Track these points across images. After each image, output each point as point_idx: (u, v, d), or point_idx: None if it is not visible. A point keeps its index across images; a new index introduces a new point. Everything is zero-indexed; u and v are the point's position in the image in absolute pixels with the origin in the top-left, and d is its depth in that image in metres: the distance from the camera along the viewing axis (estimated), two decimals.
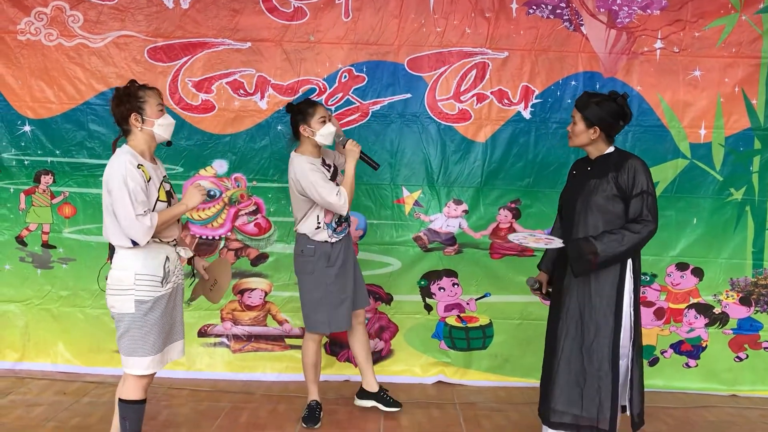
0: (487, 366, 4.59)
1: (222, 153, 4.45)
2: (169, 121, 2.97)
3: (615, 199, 3.11)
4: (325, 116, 3.66)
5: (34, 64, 4.37)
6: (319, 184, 3.56)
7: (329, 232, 3.70)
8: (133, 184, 2.78)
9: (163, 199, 2.93)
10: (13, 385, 4.27)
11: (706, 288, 4.53)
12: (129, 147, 2.92)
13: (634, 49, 4.39)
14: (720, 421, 4.09)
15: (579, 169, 3.35)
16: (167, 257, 2.94)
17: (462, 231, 4.53)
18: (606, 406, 3.08)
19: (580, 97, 3.24)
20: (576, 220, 3.19)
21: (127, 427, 2.97)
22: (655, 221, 3.08)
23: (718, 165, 4.44)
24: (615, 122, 3.15)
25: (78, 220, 4.50)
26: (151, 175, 2.90)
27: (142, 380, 2.96)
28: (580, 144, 3.24)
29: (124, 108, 2.89)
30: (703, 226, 4.48)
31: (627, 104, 3.17)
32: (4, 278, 4.55)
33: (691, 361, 4.58)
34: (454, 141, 4.46)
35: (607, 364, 3.08)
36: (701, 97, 4.40)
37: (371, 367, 4.06)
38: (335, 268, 3.72)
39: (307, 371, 3.86)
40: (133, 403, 2.95)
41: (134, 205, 2.78)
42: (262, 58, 4.38)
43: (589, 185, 3.18)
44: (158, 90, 3.01)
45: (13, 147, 4.45)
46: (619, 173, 3.10)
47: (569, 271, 3.16)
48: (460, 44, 4.39)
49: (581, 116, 3.17)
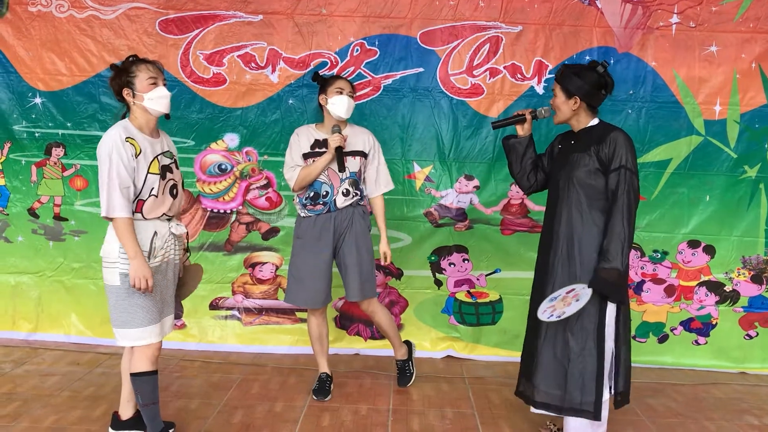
0: (496, 341, 4.61)
1: (233, 126, 4.44)
2: (159, 94, 2.90)
3: (597, 173, 2.96)
4: (342, 88, 3.60)
5: (45, 36, 4.36)
6: (286, 157, 3.68)
7: (299, 206, 3.72)
8: (116, 158, 2.78)
9: (155, 172, 2.90)
10: (27, 356, 4.33)
11: (718, 266, 4.52)
12: (126, 121, 2.93)
13: (650, 24, 4.33)
14: (728, 398, 4.10)
15: (564, 142, 3.21)
16: (155, 232, 2.94)
17: (473, 207, 4.52)
18: (590, 387, 2.96)
19: (559, 69, 3.12)
20: (560, 196, 3.07)
21: (140, 401, 2.97)
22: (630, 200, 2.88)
23: (733, 142, 4.40)
24: (596, 91, 3.01)
25: (90, 193, 4.52)
26: (144, 148, 2.88)
27: (146, 351, 2.94)
28: (564, 118, 3.10)
29: (115, 83, 2.91)
30: (715, 204, 4.46)
31: (608, 73, 3.03)
32: (18, 250, 4.59)
33: (700, 338, 4.59)
34: (467, 116, 4.43)
35: (592, 343, 2.95)
36: (717, 73, 4.35)
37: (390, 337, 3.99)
38: (303, 241, 3.70)
39: (312, 344, 3.90)
40: (142, 375, 2.95)
41: (110, 178, 2.78)
42: (273, 30, 4.35)
43: (571, 159, 3.05)
44: (153, 63, 2.95)
45: (24, 119, 4.45)
46: (601, 146, 2.96)
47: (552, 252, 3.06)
48: (473, 18, 4.35)
49: (560, 88, 3.05)
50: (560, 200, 3.08)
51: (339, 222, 3.68)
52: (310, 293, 3.71)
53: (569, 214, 3.03)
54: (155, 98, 2.90)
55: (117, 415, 3.18)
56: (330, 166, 3.62)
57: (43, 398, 3.67)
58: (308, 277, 3.70)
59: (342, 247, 3.71)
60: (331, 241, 3.68)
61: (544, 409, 3.11)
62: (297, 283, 3.73)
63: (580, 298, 2.90)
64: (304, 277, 3.70)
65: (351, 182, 3.67)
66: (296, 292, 3.75)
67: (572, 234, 3.01)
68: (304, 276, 3.70)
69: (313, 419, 3.54)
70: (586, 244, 2.98)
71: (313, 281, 3.70)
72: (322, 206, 3.66)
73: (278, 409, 3.65)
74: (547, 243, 3.14)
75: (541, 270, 3.16)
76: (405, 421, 3.55)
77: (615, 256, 2.86)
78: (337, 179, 3.64)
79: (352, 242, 3.69)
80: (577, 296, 2.90)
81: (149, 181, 2.89)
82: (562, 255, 3.04)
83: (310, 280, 3.70)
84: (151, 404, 2.99)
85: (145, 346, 2.94)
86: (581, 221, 2.99)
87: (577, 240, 2.99)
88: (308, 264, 3.69)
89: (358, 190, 3.71)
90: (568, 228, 3.02)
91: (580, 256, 2.98)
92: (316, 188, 3.64)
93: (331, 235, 3.68)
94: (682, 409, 3.89)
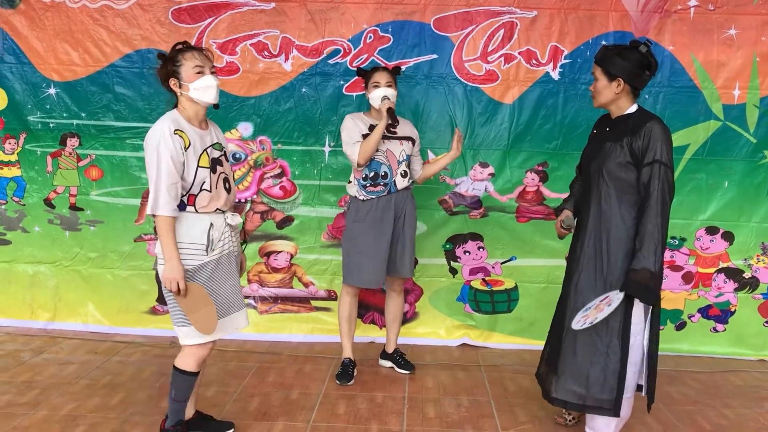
0: (512, 329, 4.60)
1: (247, 116, 4.43)
2: (206, 83, 2.77)
3: (628, 166, 2.82)
4: (378, 82, 3.70)
5: (59, 26, 4.37)
6: (344, 136, 3.76)
7: (357, 188, 3.80)
8: (164, 152, 2.67)
9: (205, 166, 2.79)
10: (45, 344, 4.37)
11: (737, 252, 4.47)
12: (175, 111, 2.82)
13: (667, 8, 4.26)
14: (747, 385, 4.06)
15: (599, 128, 3.07)
16: (212, 224, 2.83)
17: (488, 194, 4.49)
18: (611, 385, 2.88)
19: (599, 50, 2.95)
20: (591, 187, 2.97)
21: (173, 394, 2.93)
22: (664, 196, 2.75)
23: (752, 127, 4.34)
24: (640, 72, 2.85)
25: (105, 183, 4.53)
26: (193, 140, 2.77)
27: (198, 352, 2.87)
28: (605, 102, 2.95)
29: (162, 73, 2.80)
30: (734, 190, 4.40)
31: (651, 52, 2.85)
32: (35, 240, 4.62)
33: (719, 325, 4.54)
34: (481, 103, 4.39)
35: (616, 340, 2.86)
36: (736, 57, 4.27)
37: (393, 329, 4.13)
38: (363, 225, 3.79)
39: (341, 324, 3.97)
40: (184, 373, 2.89)
41: (157, 174, 2.68)
42: (286, 18, 4.33)
43: (604, 149, 2.91)
44: (201, 50, 2.82)
45: (38, 110, 4.47)
46: (635, 138, 2.80)
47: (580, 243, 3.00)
48: (487, 3, 4.30)
49: (602, 70, 2.90)
50: (590, 191, 2.99)
51: (398, 205, 3.82)
52: (372, 274, 3.82)
53: (598, 207, 2.93)
54: (201, 88, 2.77)
55: None
56: (389, 148, 3.76)
57: (61, 386, 3.70)
58: (372, 258, 3.80)
59: (397, 229, 3.84)
60: (392, 223, 3.81)
61: (562, 406, 3.09)
62: (360, 265, 3.82)
63: (612, 302, 2.81)
64: (368, 259, 3.80)
65: (407, 164, 3.84)
66: (359, 273, 3.83)
67: (600, 228, 2.92)
68: (368, 257, 3.80)
69: (329, 407, 3.55)
70: (615, 239, 2.88)
71: (376, 262, 3.80)
72: (382, 187, 3.77)
73: (294, 397, 3.67)
74: (576, 234, 3.10)
75: (571, 260, 3.12)
76: (420, 409, 3.55)
77: (647, 256, 2.74)
78: (395, 160, 3.78)
79: (406, 223, 3.85)
80: (610, 301, 2.82)
81: (200, 176, 2.77)
82: (589, 249, 2.96)
83: (373, 261, 3.80)
84: (183, 401, 2.97)
85: (200, 345, 2.87)
86: (609, 216, 2.89)
87: (605, 235, 2.90)
88: (371, 246, 3.80)
89: (411, 172, 3.89)
90: (596, 222, 2.94)
91: (608, 253, 2.89)
92: (375, 168, 3.75)
93: (392, 217, 3.80)
94: (700, 396, 3.86)
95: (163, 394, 3.60)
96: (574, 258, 3.06)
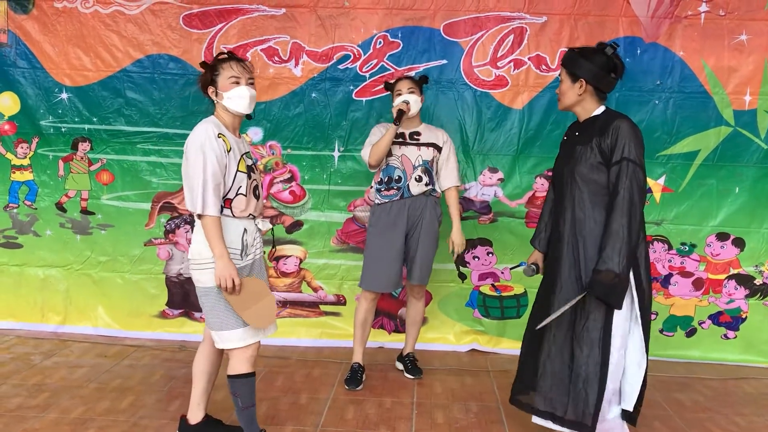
0: (521, 335, 4.54)
1: (257, 120, 4.45)
2: (240, 93, 2.80)
3: (599, 167, 2.76)
4: (400, 90, 3.74)
5: (71, 32, 4.40)
6: (367, 140, 3.83)
7: (374, 192, 3.87)
8: (210, 153, 2.69)
9: (243, 170, 2.83)
10: (56, 348, 4.39)
11: (748, 258, 4.44)
12: (214, 117, 2.86)
13: (678, 13, 4.25)
14: (758, 393, 4.03)
15: (570, 134, 3.00)
16: (245, 229, 2.85)
17: (497, 199, 4.48)
18: (591, 399, 2.79)
19: (565, 53, 2.92)
20: (564, 193, 2.90)
21: (240, 403, 2.89)
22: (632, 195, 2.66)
23: (763, 132, 4.32)
24: (604, 74, 2.79)
25: (116, 187, 4.56)
26: (233, 146, 2.81)
27: (245, 353, 2.84)
28: (569, 104, 2.89)
29: (202, 80, 2.86)
30: (745, 196, 4.38)
31: (617, 55, 2.80)
32: (46, 243, 4.65)
33: (729, 332, 4.51)
34: (491, 108, 4.39)
35: (597, 350, 2.77)
36: (747, 63, 4.26)
37: (410, 333, 4.15)
38: (377, 228, 3.83)
39: (355, 329, 3.97)
40: (240, 377, 2.87)
41: (204, 174, 2.69)
42: (296, 24, 4.35)
43: (575, 153, 2.84)
44: (240, 61, 2.86)
45: (50, 114, 4.51)
46: (603, 137, 2.73)
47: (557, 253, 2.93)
48: (497, 9, 4.31)
49: (566, 72, 2.86)
50: (564, 197, 2.92)
51: (413, 210, 3.81)
52: (386, 278, 3.83)
53: (573, 213, 2.86)
54: (234, 97, 2.81)
55: (185, 420, 3.10)
56: (404, 153, 3.78)
57: (71, 389, 3.72)
58: (385, 262, 3.82)
59: (413, 235, 3.84)
60: (404, 229, 3.82)
61: (550, 419, 2.95)
62: (374, 269, 3.84)
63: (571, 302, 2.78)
64: (382, 263, 3.82)
65: (423, 170, 3.80)
66: (372, 278, 3.85)
67: (576, 234, 2.85)
68: (381, 262, 3.82)
69: (338, 412, 3.54)
70: (591, 245, 2.79)
71: (390, 266, 3.82)
72: (395, 191, 3.79)
73: (302, 401, 3.66)
74: (554, 242, 3.01)
75: (549, 268, 3.04)
76: (429, 414, 3.55)
77: (611, 257, 2.66)
78: (410, 165, 3.78)
79: (422, 231, 3.83)
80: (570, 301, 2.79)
81: (238, 179, 2.81)
82: (568, 256, 2.88)
83: (387, 266, 3.82)
84: (251, 406, 2.92)
85: (244, 347, 2.85)
86: (584, 221, 2.82)
87: (582, 241, 2.82)
88: (384, 250, 3.82)
89: (430, 178, 3.82)
90: (572, 228, 2.86)
91: (585, 258, 2.81)
92: (390, 172, 3.79)
93: (404, 223, 3.81)
94: (711, 403, 3.83)
95: (172, 397, 3.62)
96: (554, 264, 2.96)
